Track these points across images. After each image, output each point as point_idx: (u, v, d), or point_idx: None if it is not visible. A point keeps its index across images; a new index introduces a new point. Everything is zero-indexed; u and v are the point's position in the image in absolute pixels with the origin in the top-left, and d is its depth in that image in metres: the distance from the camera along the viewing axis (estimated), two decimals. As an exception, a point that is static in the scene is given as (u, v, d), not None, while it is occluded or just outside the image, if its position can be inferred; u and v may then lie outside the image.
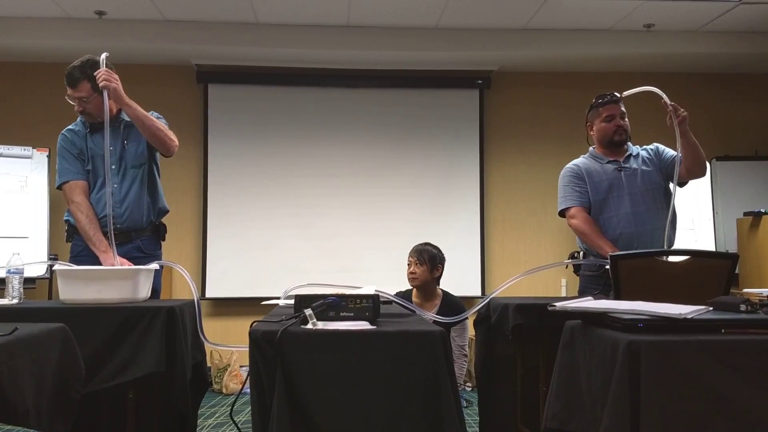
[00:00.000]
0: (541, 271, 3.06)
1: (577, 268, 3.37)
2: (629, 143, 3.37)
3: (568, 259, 3.37)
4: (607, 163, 3.31)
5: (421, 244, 4.43)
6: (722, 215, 5.96)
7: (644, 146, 3.37)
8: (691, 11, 5.23)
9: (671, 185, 3.16)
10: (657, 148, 3.35)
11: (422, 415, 1.89)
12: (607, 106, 3.29)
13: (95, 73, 2.90)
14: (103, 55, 2.91)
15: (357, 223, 6.01)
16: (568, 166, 3.39)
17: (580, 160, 3.38)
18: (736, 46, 5.72)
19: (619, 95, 3.24)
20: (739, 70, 6.22)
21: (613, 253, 2.46)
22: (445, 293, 4.45)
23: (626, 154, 3.32)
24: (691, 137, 3.09)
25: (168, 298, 4.69)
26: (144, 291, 2.70)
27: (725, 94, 6.32)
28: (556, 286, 6.05)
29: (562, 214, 3.36)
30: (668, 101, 2.96)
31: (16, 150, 5.41)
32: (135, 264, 2.92)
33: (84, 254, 3.05)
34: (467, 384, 5.34)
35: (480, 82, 6.14)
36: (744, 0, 5.00)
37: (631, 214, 3.19)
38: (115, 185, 3.08)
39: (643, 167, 3.27)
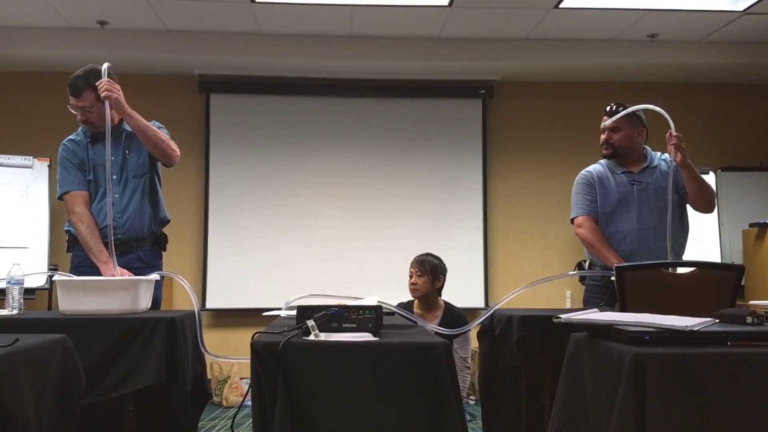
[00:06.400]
0: (546, 283, 3.04)
1: (582, 277, 3.34)
2: (651, 153, 3.30)
3: (575, 268, 3.35)
4: (621, 173, 3.26)
5: (422, 255, 4.41)
6: (728, 226, 5.94)
7: (665, 154, 3.25)
8: (694, 21, 5.24)
9: (670, 205, 3.06)
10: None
11: (426, 428, 1.87)
12: (604, 117, 3.27)
13: (97, 83, 2.89)
14: (105, 65, 2.91)
15: (358, 234, 6.00)
16: (581, 172, 3.35)
17: (595, 167, 3.34)
18: (739, 56, 5.72)
19: (614, 108, 3.19)
20: (743, 80, 6.22)
21: (618, 265, 2.45)
22: (447, 304, 4.42)
23: (643, 166, 3.25)
24: (694, 172, 3.07)
25: (168, 308, 4.68)
26: (144, 302, 2.69)
27: (729, 104, 6.31)
28: (561, 297, 6.02)
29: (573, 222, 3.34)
30: (674, 131, 2.94)
31: (17, 159, 5.41)
32: (135, 274, 2.91)
33: (84, 265, 3.04)
34: (470, 397, 5.31)
35: (483, 91, 6.13)
36: (747, 11, 5.01)
37: (636, 231, 3.15)
38: (117, 195, 3.07)
39: (659, 182, 3.19)
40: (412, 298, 4.42)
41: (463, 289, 5.64)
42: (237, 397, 5.39)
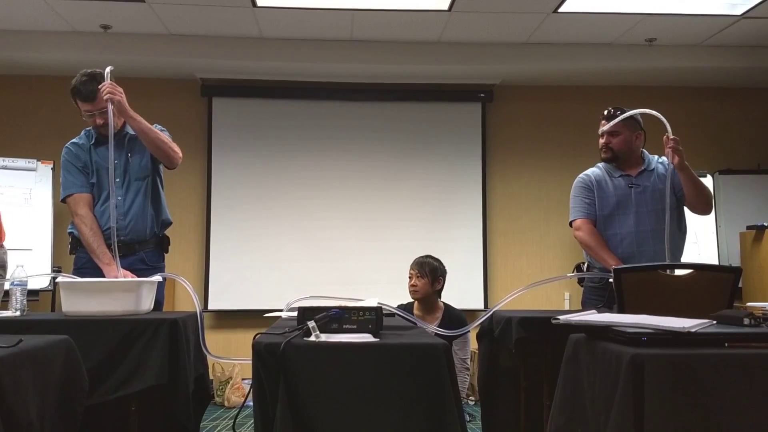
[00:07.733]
0: (545, 284, 3.06)
1: (581, 279, 3.35)
2: (648, 156, 3.31)
3: (574, 270, 3.36)
4: (619, 177, 3.27)
5: (422, 257, 4.43)
6: (725, 229, 5.95)
7: (662, 158, 3.26)
8: (692, 26, 5.25)
9: (668, 208, 3.07)
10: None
11: (425, 428, 1.88)
12: (602, 121, 3.29)
13: (99, 87, 2.91)
14: (108, 69, 2.91)
15: (359, 236, 6.02)
16: (579, 176, 3.37)
17: (593, 170, 3.35)
18: (737, 60, 5.73)
19: (612, 112, 3.22)
20: (741, 84, 6.24)
21: (616, 267, 2.46)
22: (447, 306, 4.44)
23: (641, 169, 3.27)
24: (692, 174, 3.08)
25: (171, 310, 4.70)
26: (147, 303, 2.70)
27: (727, 107, 6.33)
28: (560, 299, 6.04)
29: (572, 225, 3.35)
30: (671, 134, 2.96)
31: (21, 162, 5.43)
32: (138, 276, 2.92)
33: (87, 266, 3.06)
34: (470, 398, 5.33)
35: (482, 95, 6.16)
36: (746, 15, 5.03)
37: (634, 234, 3.16)
38: (119, 197, 3.08)
39: (657, 185, 3.21)
40: (412, 300, 4.43)
41: (462, 290, 5.66)
42: (239, 397, 5.40)
